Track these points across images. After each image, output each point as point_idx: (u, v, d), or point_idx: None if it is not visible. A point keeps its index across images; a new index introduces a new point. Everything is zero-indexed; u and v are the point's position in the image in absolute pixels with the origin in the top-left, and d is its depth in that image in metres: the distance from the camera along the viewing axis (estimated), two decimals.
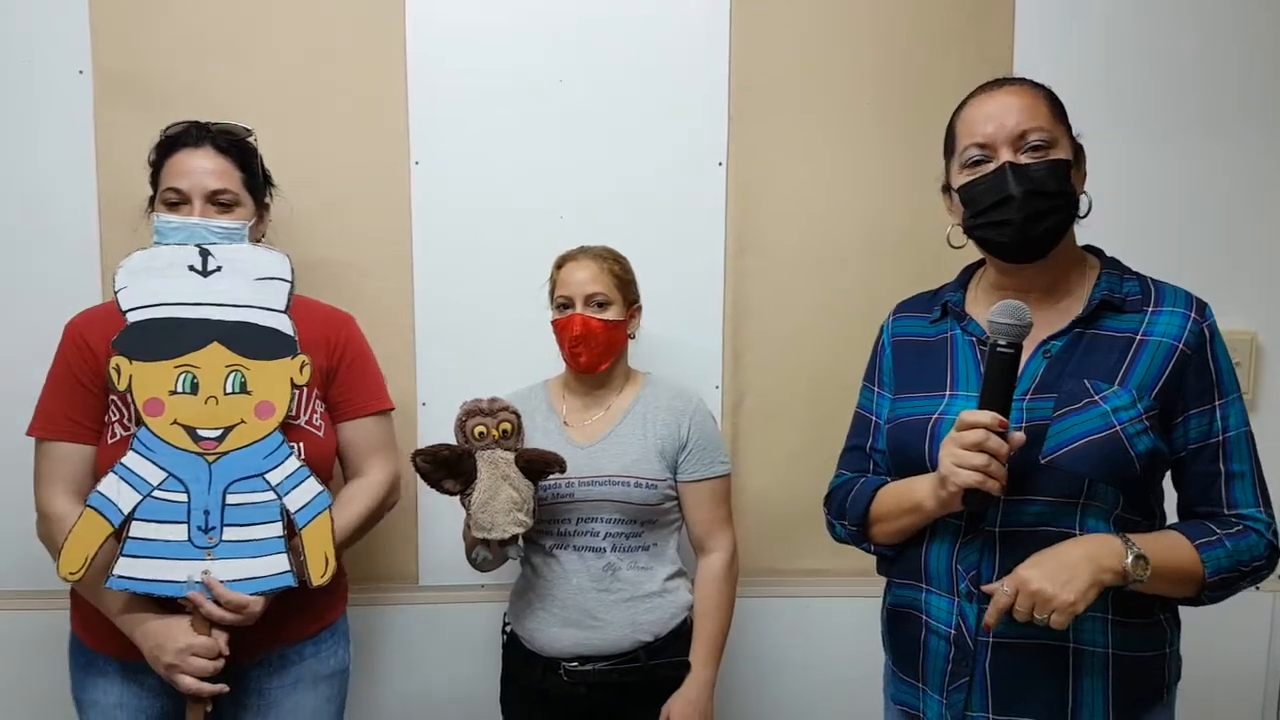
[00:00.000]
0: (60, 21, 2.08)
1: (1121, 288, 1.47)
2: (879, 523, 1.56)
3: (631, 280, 1.98)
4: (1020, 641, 1.41)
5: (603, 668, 1.87)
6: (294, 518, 1.64)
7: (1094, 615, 1.38)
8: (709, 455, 1.95)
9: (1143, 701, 1.45)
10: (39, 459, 1.73)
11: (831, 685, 2.31)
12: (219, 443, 1.61)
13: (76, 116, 2.09)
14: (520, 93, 2.19)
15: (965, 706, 1.45)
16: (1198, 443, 1.42)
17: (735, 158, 2.22)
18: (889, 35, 2.22)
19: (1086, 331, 1.45)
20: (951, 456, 1.35)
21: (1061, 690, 1.41)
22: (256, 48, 2.12)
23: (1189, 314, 1.43)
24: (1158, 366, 1.40)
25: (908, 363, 1.60)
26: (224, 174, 1.75)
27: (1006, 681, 1.43)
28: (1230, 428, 1.42)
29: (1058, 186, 1.40)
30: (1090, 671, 1.41)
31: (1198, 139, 2.26)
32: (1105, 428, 1.37)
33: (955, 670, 1.46)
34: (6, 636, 2.17)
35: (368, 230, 2.18)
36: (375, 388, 1.92)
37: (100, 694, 1.76)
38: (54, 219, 2.11)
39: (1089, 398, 1.39)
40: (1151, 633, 1.45)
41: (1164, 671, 1.47)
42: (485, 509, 1.77)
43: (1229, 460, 1.42)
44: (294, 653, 1.81)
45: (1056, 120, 1.45)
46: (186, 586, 1.59)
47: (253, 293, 1.64)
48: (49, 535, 1.70)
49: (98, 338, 1.71)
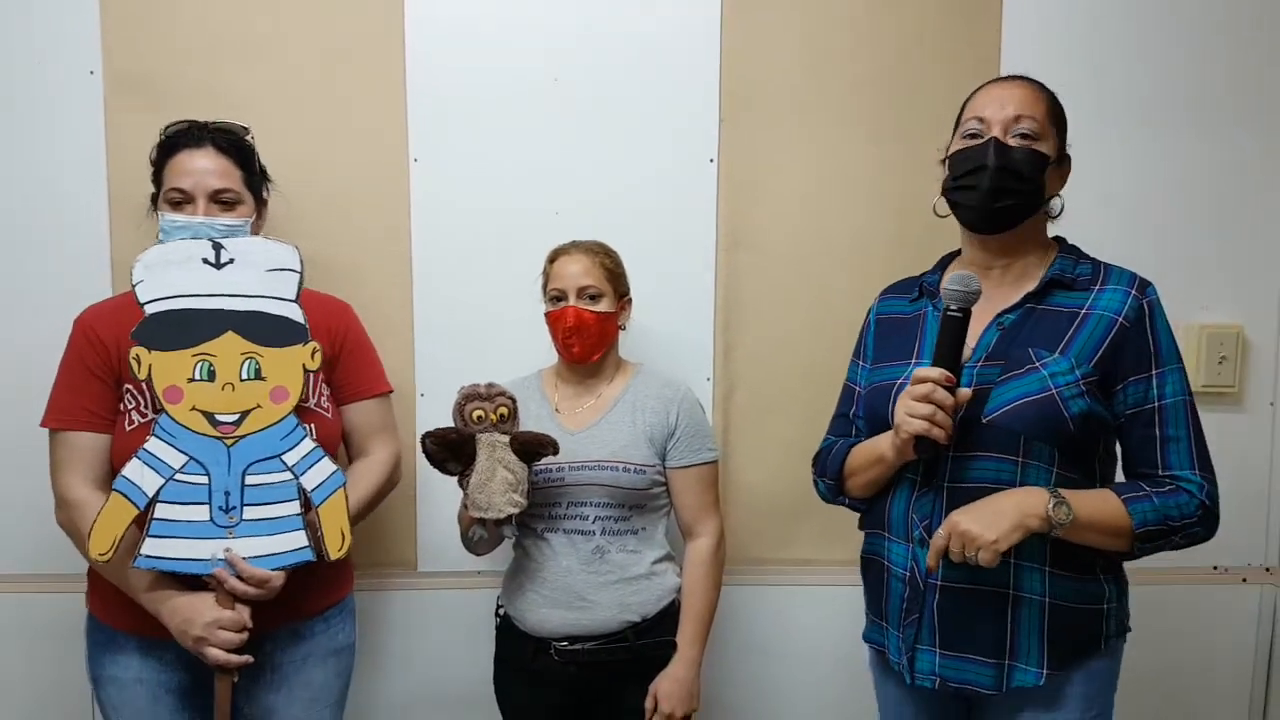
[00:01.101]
0: (72, 24, 2.12)
1: (1074, 269, 1.59)
2: (851, 476, 1.72)
3: (622, 273, 2.03)
4: (964, 586, 1.55)
5: (591, 647, 1.92)
6: (310, 496, 1.70)
7: (1032, 565, 1.53)
8: (697, 442, 2.00)
9: (1079, 649, 1.56)
10: (56, 448, 1.77)
11: (818, 672, 2.36)
12: (236, 427, 1.67)
13: (88, 116, 2.13)
14: (516, 92, 2.22)
15: (915, 640, 1.60)
16: (1134, 408, 1.53)
17: (726, 155, 2.26)
18: (878, 35, 2.26)
19: (1038, 307, 1.57)
20: (903, 407, 1.51)
21: (1000, 630, 1.54)
22: (260, 49, 2.16)
23: (1130, 291, 1.55)
24: (1098, 337, 1.52)
25: (885, 337, 1.75)
26: (225, 173, 1.80)
27: (951, 620, 1.57)
28: (1166, 395, 1.53)
29: (1028, 172, 1.54)
30: (1027, 615, 1.53)
31: (1184, 137, 2.30)
32: (1041, 390, 1.50)
33: (908, 609, 1.60)
34: (20, 619, 2.22)
35: (368, 226, 2.22)
36: (375, 371, 1.98)
37: (119, 669, 1.80)
38: (66, 216, 2.15)
39: (1030, 364, 1.52)
40: (1089, 587, 1.56)
41: (1101, 624, 1.57)
42: (483, 490, 1.82)
43: (1164, 425, 1.52)
44: (305, 628, 1.87)
45: (1050, 120, 1.58)
46: (211, 564, 1.65)
47: (264, 283, 1.71)
48: (69, 521, 1.75)
49: (108, 331, 1.76)
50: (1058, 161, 1.59)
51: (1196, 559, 2.30)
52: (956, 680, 1.57)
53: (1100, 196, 2.22)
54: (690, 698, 1.95)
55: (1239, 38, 2.30)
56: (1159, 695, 2.38)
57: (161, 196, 1.80)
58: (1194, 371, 2.27)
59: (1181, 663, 2.40)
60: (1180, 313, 2.25)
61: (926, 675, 1.59)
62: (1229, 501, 1.56)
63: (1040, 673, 1.53)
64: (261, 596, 1.67)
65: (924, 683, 1.59)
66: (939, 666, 1.58)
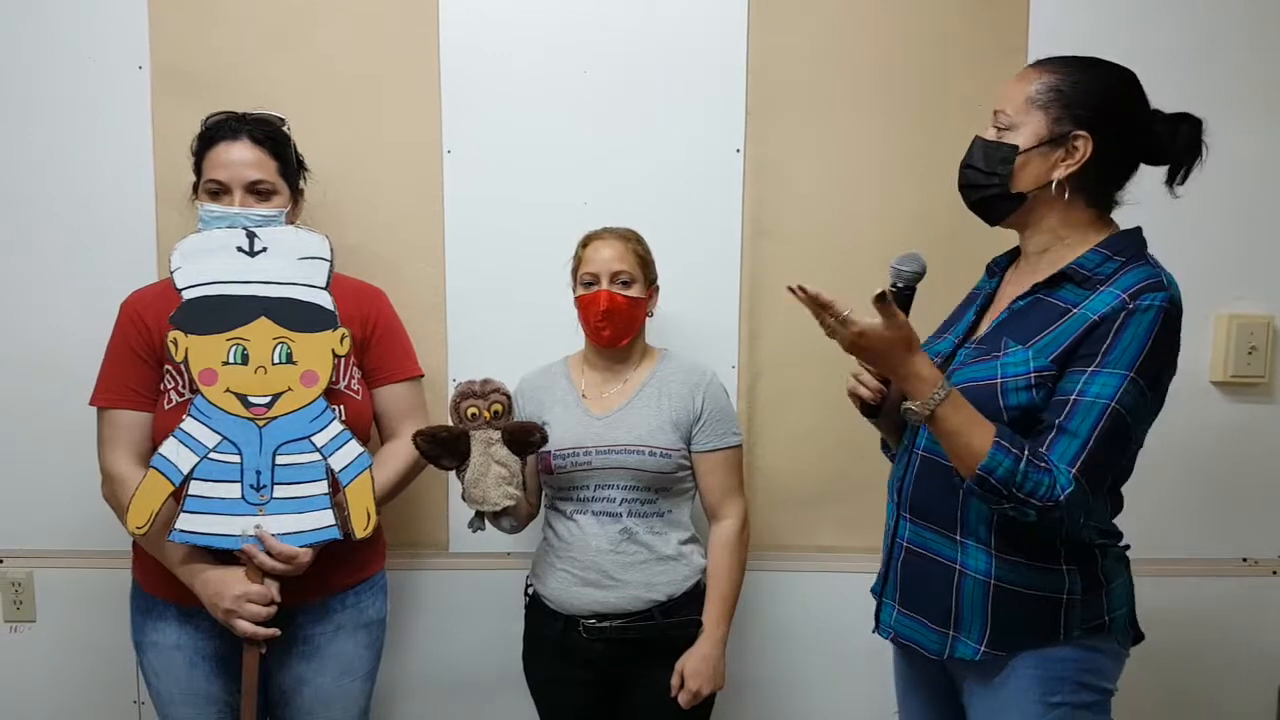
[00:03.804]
0: (121, 21, 2.19)
1: (1098, 266, 1.50)
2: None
3: (652, 261, 2.06)
4: (920, 552, 1.62)
5: (619, 625, 1.96)
6: (338, 476, 1.75)
7: (977, 545, 1.55)
8: (722, 427, 2.03)
9: (1028, 635, 1.53)
10: (102, 426, 1.85)
11: (839, 657, 2.38)
12: (268, 408, 1.72)
13: (136, 109, 2.20)
14: (547, 84, 2.25)
15: (882, 593, 1.71)
16: (1059, 395, 1.45)
17: (753, 145, 2.26)
18: (904, 24, 2.25)
19: (1044, 298, 1.53)
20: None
21: (947, 600, 1.57)
22: (300, 43, 2.22)
23: (1121, 294, 1.44)
24: (1068, 334, 1.46)
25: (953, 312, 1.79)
26: (260, 164, 1.85)
27: (910, 582, 1.64)
28: (1089, 393, 1.42)
29: (985, 165, 1.54)
30: (971, 591, 1.55)
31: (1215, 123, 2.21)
32: (988, 378, 1.50)
33: (885, 560, 1.71)
34: (74, 591, 2.32)
35: (403, 216, 2.27)
36: (406, 356, 2.02)
37: (159, 635, 1.88)
38: (114, 206, 2.22)
39: (996, 352, 1.52)
40: (1044, 577, 1.52)
41: (1061, 614, 1.52)
42: (477, 485, 1.86)
43: (1070, 417, 1.42)
44: (336, 602, 1.93)
45: (1031, 105, 1.51)
46: (241, 539, 1.72)
47: (296, 271, 1.75)
48: (113, 495, 1.82)
49: (152, 314, 1.83)
50: (1054, 145, 1.50)
51: (1226, 550, 2.32)
52: (907, 638, 1.64)
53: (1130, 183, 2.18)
54: (716, 675, 1.97)
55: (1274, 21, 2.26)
56: (1186, 686, 2.37)
57: (200, 187, 1.85)
58: (1223, 362, 2.27)
59: (1209, 654, 2.37)
60: (1210, 303, 2.25)
61: (886, 627, 1.68)
62: (1257, 492, 1.50)
63: (978, 649, 1.54)
64: (289, 572, 1.73)
65: (883, 633, 1.69)
66: (895, 621, 1.66)
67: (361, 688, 1.99)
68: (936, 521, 1.59)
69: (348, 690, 1.96)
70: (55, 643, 2.35)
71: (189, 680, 1.87)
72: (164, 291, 1.84)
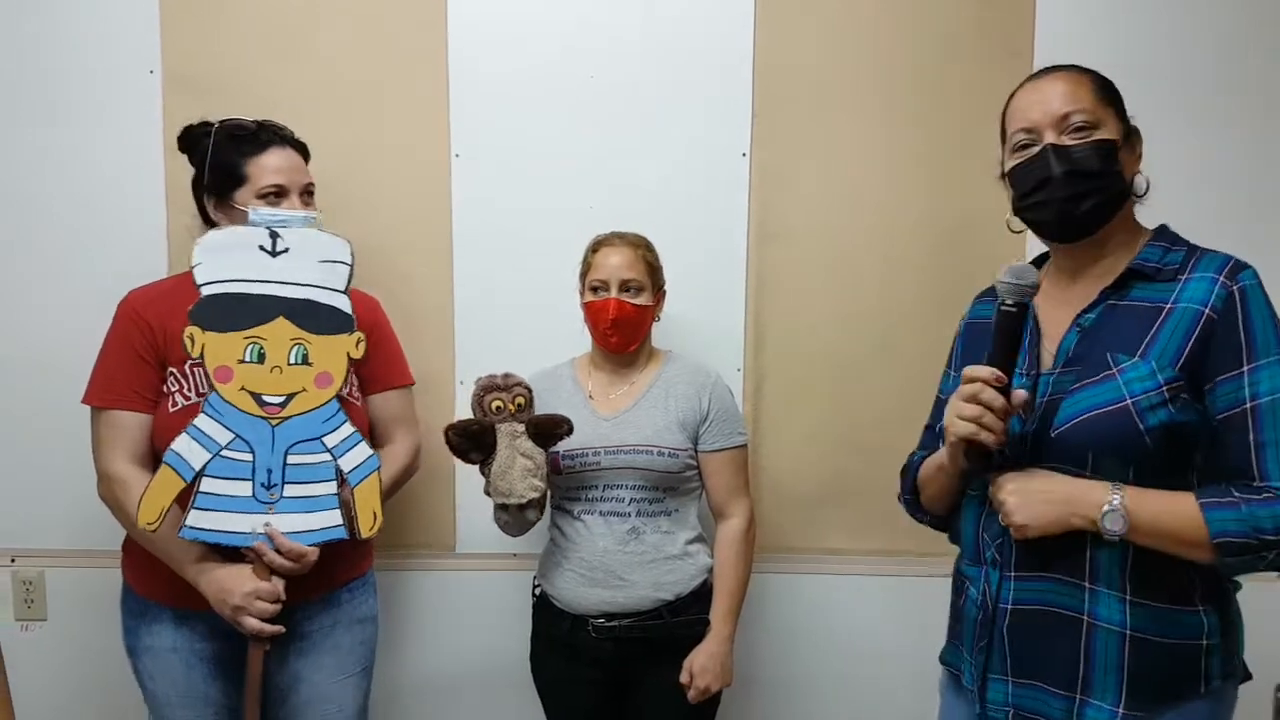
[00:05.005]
0: (133, 26, 2.22)
1: (1163, 258, 1.42)
2: (924, 489, 1.64)
3: (659, 266, 2.07)
4: (1036, 608, 1.43)
5: (628, 624, 1.97)
6: (348, 477, 1.77)
7: (1109, 592, 1.38)
8: (728, 426, 2.04)
9: (1170, 690, 1.39)
10: (99, 426, 1.83)
11: (846, 658, 2.38)
12: (282, 408, 1.73)
13: (147, 112, 2.22)
14: (554, 88, 2.28)
15: (986, 668, 1.48)
16: (1226, 410, 1.33)
17: (759, 149, 2.28)
18: (910, 28, 2.26)
19: (1119, 303, 1.42)
20: (952, 409, 1.40)
21: (1074, 660, 1.40)
22: (310, 49, 2.25)
23: (1218, 277, 1.36)
24: (1181, 335, 1.35)
25: (974, 343, 1.61)
26: (304, 169, 1.92)
27: (1023, 646, 1.44)
28: (1262, 393, 1.32)
29: (1100, 166, 1.40)
30: (1104, 647, 1.38)
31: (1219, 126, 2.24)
32: (1115, 400, 1.35)
33: (979, 632, 1.50)
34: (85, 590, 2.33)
35: (411, 219, 2.29)
36: (399, 364, 2.05)
37: (155, 639, 1.88)
38: (126, 205, 2.24)
39: (1107, 370, 1.37)
40: (1183, 619, 1.38)
41: (1200, 663, 1.39)
42: (504, 477, 1.88)
43: (1259, 428, 1.31)
44: (332, 598, 1.95)
45: (1102, 102, 1.43)
46: (252, 537, 1.72)
47: (316, 273, 1.76)
48: (112, 495, 1.82)
49: (153, 313, 1.83)
50: (1126, 140, 1.44)
51: None
52: (1030, 710, 1.44)
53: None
54: (724, 672, 1.99)
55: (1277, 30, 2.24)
56: None
57: (250, 191, 1.84)
58: None
59: None
60: None
61: (999, 707, 1.47)
62: None
63: (1115, 712, 1.38)
64: (297, 570, 1.74)
65: (996, 715, 1.47)
66: (1012, 696, 1.46)
67: (358, 685, 2.00)
68: (1060, 570, 1.41)
69: (344, 687, 1.97)
70: (66, 641, 2.36)
71: (186, 682, 1.88)
72: (166, 291, 1.86)
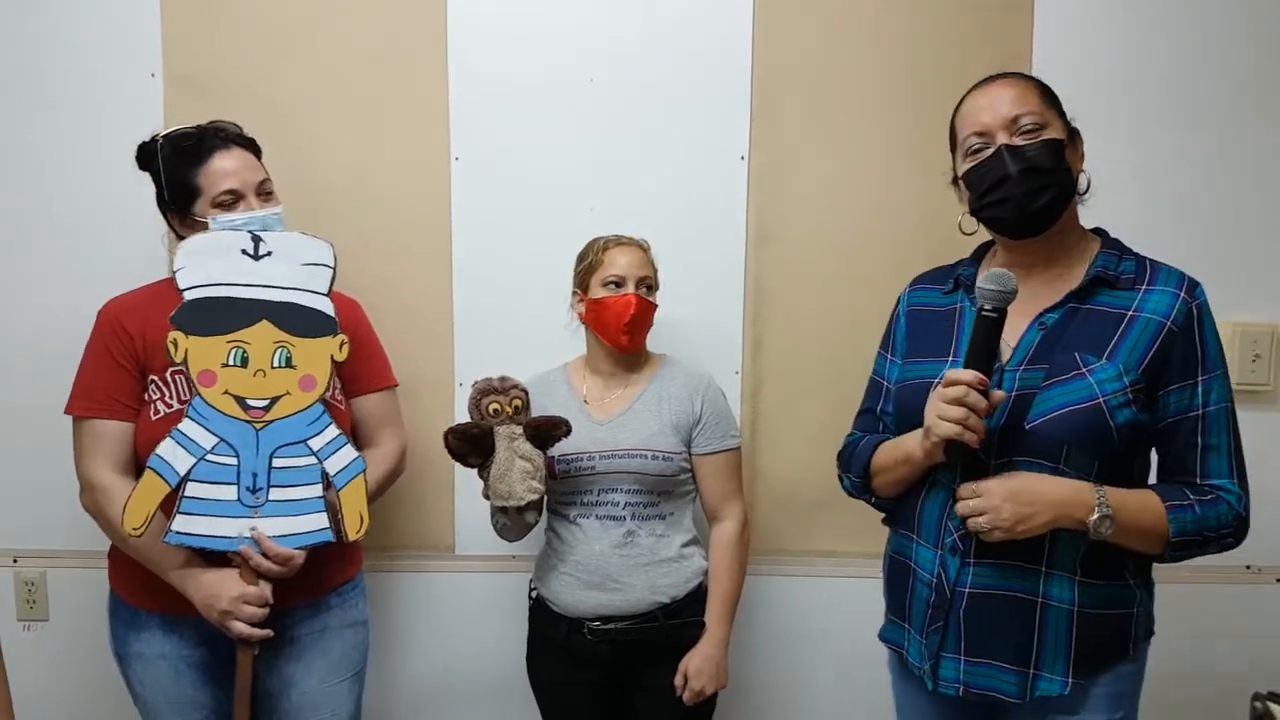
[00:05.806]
0: (135, 29, 2.23)
1: (1118, 266, 1.53)
2: (878, 475, 1.68)
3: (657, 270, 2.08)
4: (992, 592, 1.52)
5: (623, 627, 1.97)
6: (333, 479, 1.76)
7: (1063, 575, 1.50)
8: (721, 429, 2.04)
9: (1106, 656, 1.53)
10: (81, 435, 1.82)
11: (840, 660, 2.37)
12: (266, 412, 1.73)
13: (148, 115, 2.22)
14: (553, 91, 2.27)
15: (940, 647, 1.57)
16: (1177, 415, 1.49)
17: (757, 151, 2.27)
18: (909, 32, 2.25)
19: (1081, 306, 1.52)
20: (934, 409, 1.47)
21: (1026, 638, 1.51)
22: (310, 51, 2.25)
23: (1179, 293, 1.50)
24: (1145, 342, 1.47)
25: (919, 330, 1.69)
26: (257, 166, 1.87)
27: (977, 627, 1.53)
28: (1210, 402, 1.48)
29: (1052, 163, 1.49)
30: (1055, 624, 1.50)
31: (1217, 131, 2.25)
32: (1088, 399, 1.45)
33: (933, 615, 1.57)
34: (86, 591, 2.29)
35: (411, 221, 2.29)
36: (382, 366, 2.04)
37: (144, 646, 1.88)
38: (126, 207, 2.23)
39: (1077, 370, 1.47)
40: (1119, 594, 1.53)
41: (1130, 629, 1.54)
42: (503, 479, 1.88)
43: (1206, 433, 1.48)
44: (322, 603, 1.95)
45: (1047, 105, 1.53)
46: (238, 541, 1.72)
47: (299, 276, 1.76)
48: (95, 504, 1.81)
49: (133, 321, 1.82)
50: (1070, 140, 1.54)
51: (1229, 558, 2.20)
52: (980, 687, 1.54)
53: (1135, 192, 2.18)
54: (719, 674, 1.99)
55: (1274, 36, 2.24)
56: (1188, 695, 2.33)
57: (206, 201, 1.81)
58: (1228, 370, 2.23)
59: (1212, 662, 2.35)
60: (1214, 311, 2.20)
61: (950, 683, 1.56)
62: (1262, 501, 1.53)
63: (1066, 681, 1.50)
64: (284, 574, 1.74)
65: (947, 690, 1.56)
66: (963, 674, 1.55)
67: (350, 689, 2.00)
68: (1019, 557, 1.50)
69: (336, 692, 1.96)
70: (68, 642, 2.38)
71: (176, 689, 1.88)
72: (147, 298, 1.86)
